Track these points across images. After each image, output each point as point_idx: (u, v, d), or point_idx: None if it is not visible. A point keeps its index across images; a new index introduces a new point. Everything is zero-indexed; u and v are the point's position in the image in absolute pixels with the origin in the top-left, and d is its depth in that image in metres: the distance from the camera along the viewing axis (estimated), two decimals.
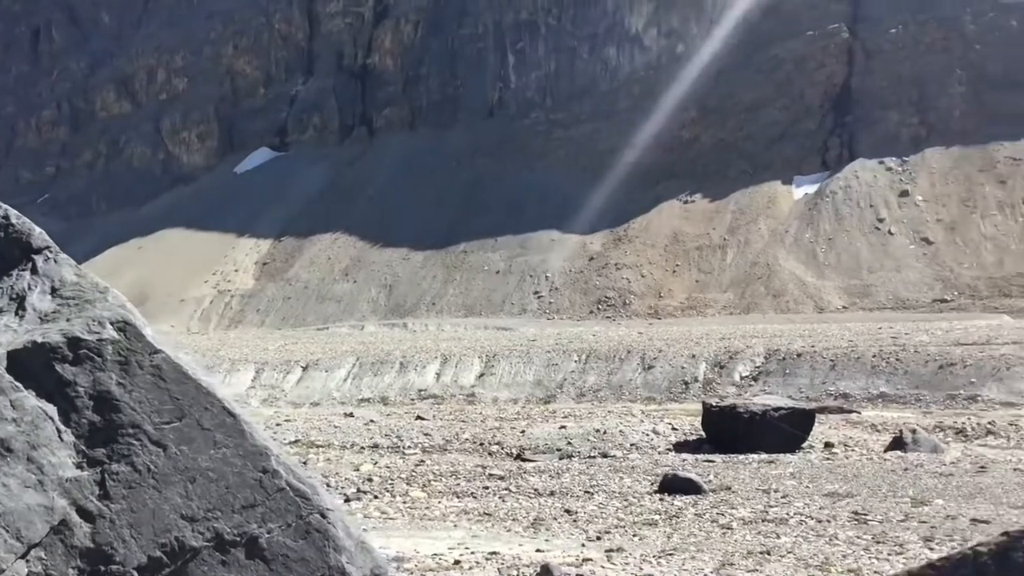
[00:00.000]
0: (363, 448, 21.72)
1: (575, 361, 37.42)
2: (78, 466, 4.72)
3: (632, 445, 20.68)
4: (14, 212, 5.42)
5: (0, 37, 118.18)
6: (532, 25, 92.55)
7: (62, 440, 4.74)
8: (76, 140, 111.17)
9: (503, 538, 12.01)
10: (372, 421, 25.74)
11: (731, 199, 73.86)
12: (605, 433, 21.58)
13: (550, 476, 17.15)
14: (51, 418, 4.76)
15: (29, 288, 5.19)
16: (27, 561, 4.46)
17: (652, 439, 21.24)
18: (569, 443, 20.87)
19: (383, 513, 14.20)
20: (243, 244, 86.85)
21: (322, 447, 21.90)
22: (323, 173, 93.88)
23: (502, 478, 17.00)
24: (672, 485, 15.35)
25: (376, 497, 15.54)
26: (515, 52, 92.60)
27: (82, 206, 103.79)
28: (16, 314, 5.09)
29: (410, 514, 14.11)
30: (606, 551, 10.94)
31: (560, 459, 19.56)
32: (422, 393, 36.76)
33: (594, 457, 19.66)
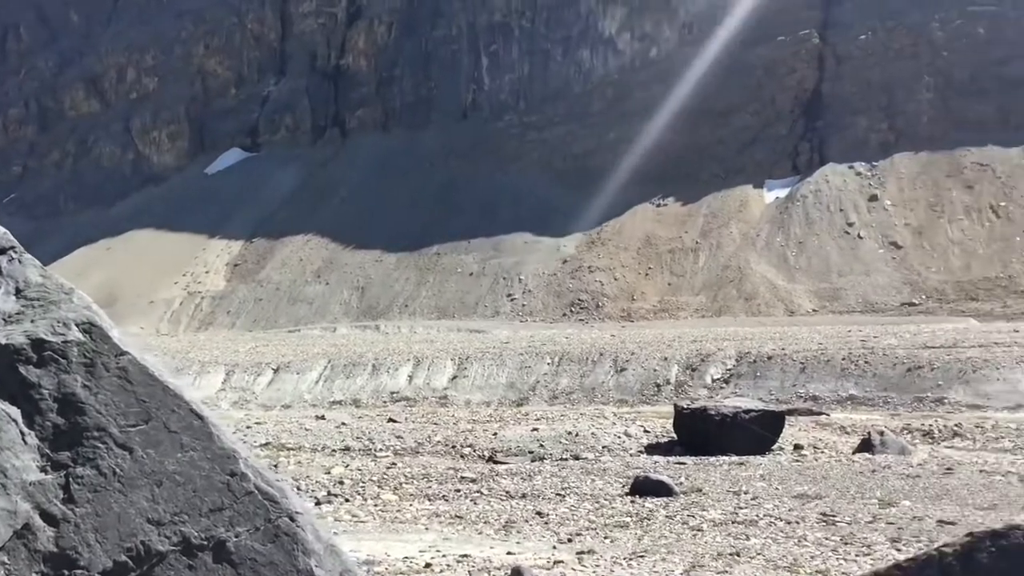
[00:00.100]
0: (334, 451, 21.61)
1: (548, 363, 37.46)
2: (42, 469, 4.65)
3: (604, 447, 20.73)
4: None
5: None
6: (506, 27, 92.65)
7: (26, 443, 4.68)
8: (44, 139, 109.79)
9: (474, 541, 11.99)
10: (344, 424, 25.61)
11: (703, 203, 74.33)
12: (577, 435, 21.61)
13: (522, 478, 17.14)
14: (15, 421, 4.69)
15: None
16: None
17: (624, 441, 21.30)
18: (541, 445, 20.88)
19: (354, 516, 14.14)
20: (214, 245, 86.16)
21: (293, 450, 21.76)
22: (295, 174, 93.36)
23: (474, 481, 16.98)
24: (643, 487, 15.40)
25: (347, 500, 15.47)
26: (489, 54, 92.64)
27: (50, 206, 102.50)
28: None
29: (381, 517, 14.05)
30: (577, 553, 10.96)
31: (532, 461, 19.56)
32: (394, 395, 36.63)
33: (566, 459, 19.69)
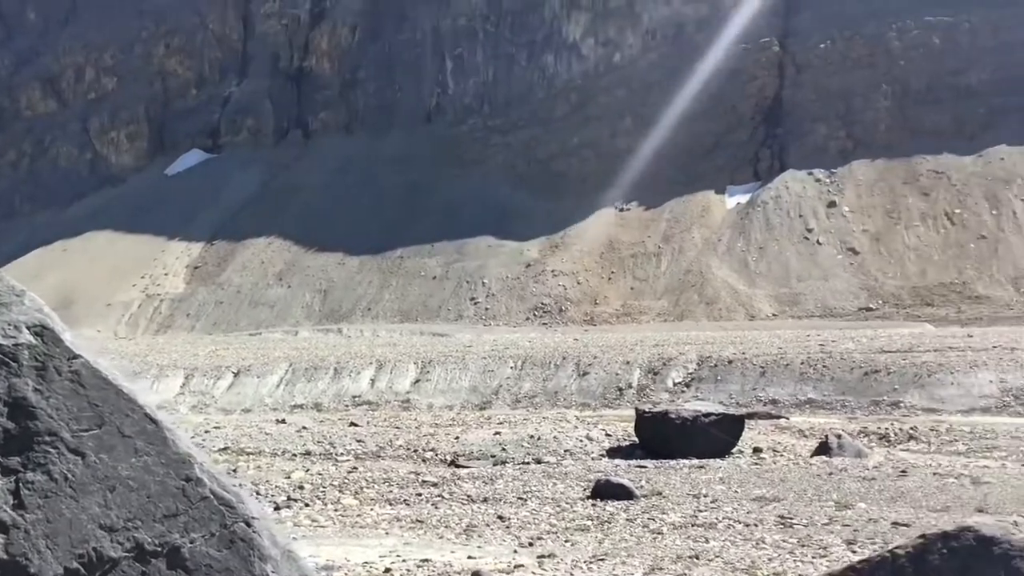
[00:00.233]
0: (295, 455, 21.44)
1: (511, 367, 37.48)
2: None
3: (566, 451, 20.77)
4: None
5: None
6: (470, 32, 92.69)
7: None
8: (0, 139, 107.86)
9: (435, 545, 11.96)
10: (304, 428, 25.42)
11: (665, 208, 74.90)
12: (539, 439, 21.65)
13: (484, 482, 17.13)
14: None
15: None
16: None
17: (586, 445, 21.37)
18: (503, 449, 20.88)
19: (314, 521, 14.03)
20: (173, 247, 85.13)
21: (253, 454, 21.55)
22: (257, 176, 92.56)
23: (435, 485, 16.93)
24: (604, 491, 15.45)
25: (307, 505, 15.35)
26: (453, 58, 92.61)
27: (5, 207, 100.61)
28: None
29: (341, 522, 13.96)
30: (538, 557, 10.97)
31: (494, 465, 19.55)
32: (356, 399, 36.44)
33: (528, 463, 19.70)
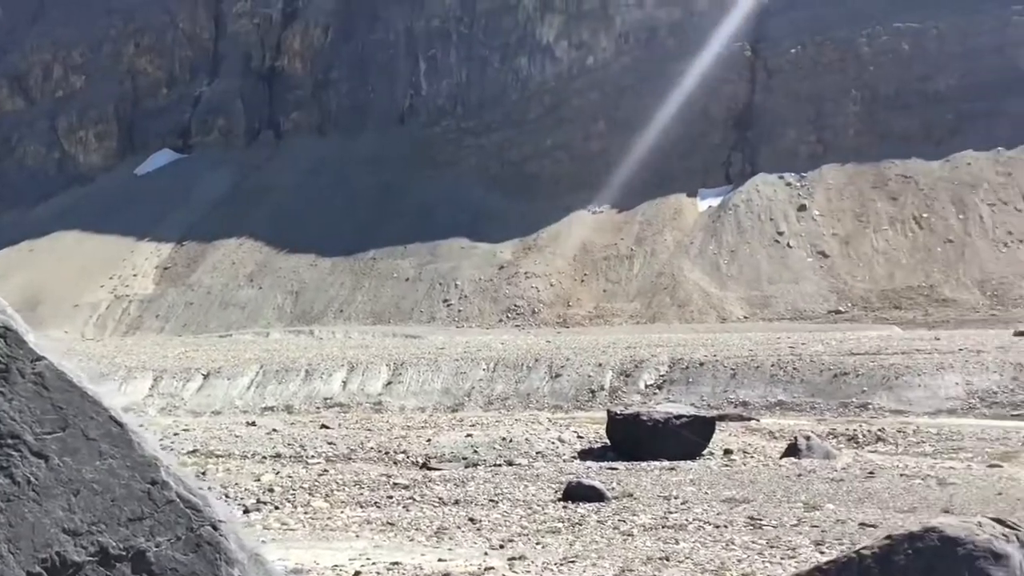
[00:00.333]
0: (265, 458, 21.27)
1: (483, 369, 37.45)
2: None
3: (538, 453, 20.79)
4: None
5: None
6: (444, 33, 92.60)
7: None
8: None
9: (405, 548, 11.93)
10: (275, 430, 25.23)
11: (638, 210, 75.23)
12: (511, 441, 21.64)
13: (455, 485, 17.10)
14: None
15: None
16: None
17: (558, 447, 21.39)
18: (475, 451, 20.85)
19: (283, 524, 13.94)
20: (143, 248, 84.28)
21: (222, 457, 21.36)
22: (228, 176, 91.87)
23: (406, 487, 16.87)
24: (576, 493, 15.48)
25: (277, 508, 15.24)
26: (427, 59, 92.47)
27: None
28: None
29: (311, 525, 13.88)
30: (509, 559, 10.97)
31: (466, 468, 19.53)
32: (328, 401, 36.24)
33: (500, 465, 19.69)
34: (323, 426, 26.66)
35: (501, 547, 11.89)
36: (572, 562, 10.77)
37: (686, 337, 47.69)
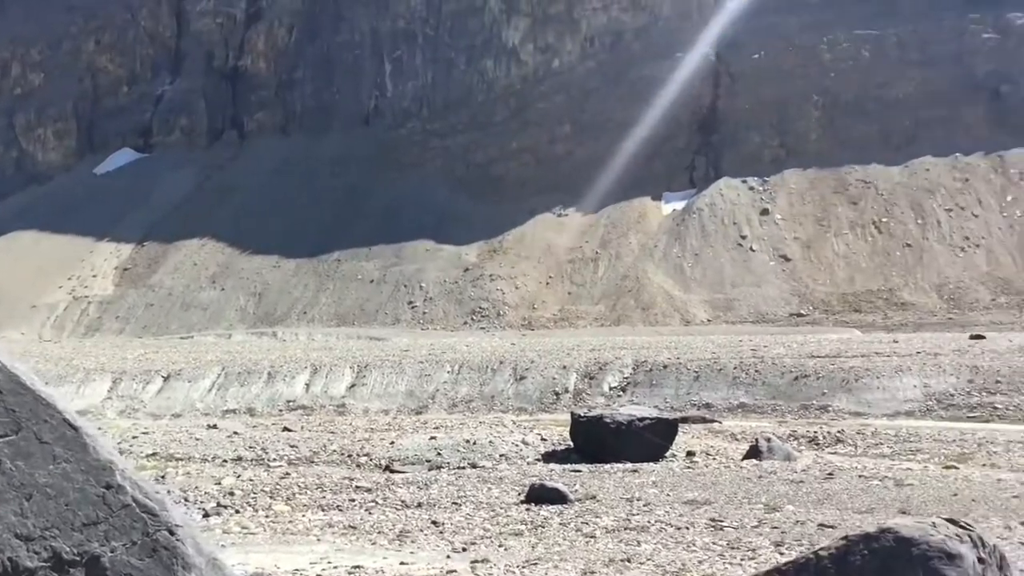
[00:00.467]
0: (226, 461, 21.05)
1: (448, 372, 37.39)
2: None
3: (501, 455, 20.78)
4: None
5: None
6: (410, 34, 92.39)
7: None
8: None
9: (367, 551, 11.87)
10: (236, 433, 24.97)
11: (603, 213, 75.57)
12: (475, 444, 21.62)
13: (418, 487, 17.05)
14: None
15: None
16: None
17: (521, 449, 21.40)
18: (439, 454, 20.80)
19: (244, 528, 13.80)
20: (102, 248, 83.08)
21: (182, 460, 21.11)
22: (190, 176, 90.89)
23: (369, 490, 16.78)
24: (539, 495, 15.50)
25: (237, 511, 15.09)
26: (392, 61, 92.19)
27: None
28: None
29: (272, 528, 13.76)
30: (471, 562, 10.96)
31: (429, 470, 19.47)
32: (290, 404, 35.95)
33: (463, 468, 19.66)
34: (285, 429, 26.45)
35: (464, 550, 11.87)
36: (535, 564, 10.78)
37: (650, 340, 47.95)
